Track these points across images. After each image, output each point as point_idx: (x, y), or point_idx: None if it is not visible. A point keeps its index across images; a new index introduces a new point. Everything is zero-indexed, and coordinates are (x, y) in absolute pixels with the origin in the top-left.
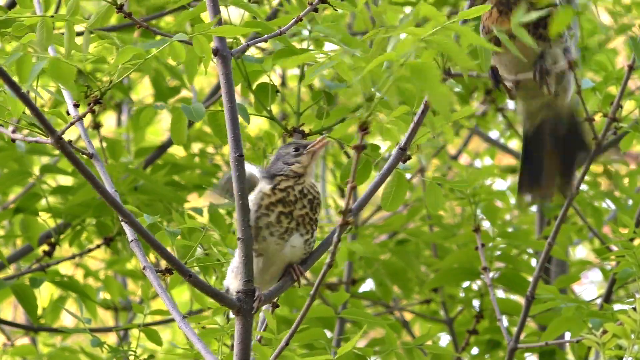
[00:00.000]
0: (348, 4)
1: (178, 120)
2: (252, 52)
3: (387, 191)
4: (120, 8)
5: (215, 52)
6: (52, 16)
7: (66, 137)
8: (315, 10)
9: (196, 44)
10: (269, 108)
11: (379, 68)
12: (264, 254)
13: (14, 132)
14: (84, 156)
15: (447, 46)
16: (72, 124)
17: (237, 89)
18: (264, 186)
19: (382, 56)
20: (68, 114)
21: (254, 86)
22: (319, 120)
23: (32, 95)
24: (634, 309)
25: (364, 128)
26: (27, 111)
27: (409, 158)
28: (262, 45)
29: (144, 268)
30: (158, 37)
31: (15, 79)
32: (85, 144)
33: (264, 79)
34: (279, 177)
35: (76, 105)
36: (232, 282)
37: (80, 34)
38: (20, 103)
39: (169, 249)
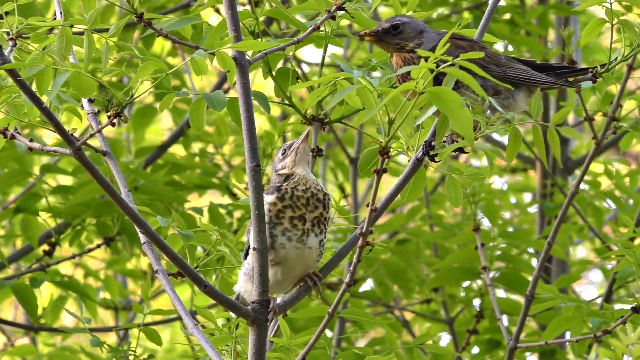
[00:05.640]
0: (362, 13)
1: (197, 108)
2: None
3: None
4: (140, 17)
5: (233, 60)
6: (71, 26)
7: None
8: (333, 17)
9: (219, 59)
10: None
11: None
12: (283, 262)
13: (31, 141)
14: (94, 153)
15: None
16: (91, 135)
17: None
18: (265, 199)
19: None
20: (82, 108)
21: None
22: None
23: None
24: (634, 308)
25: (385, 153)
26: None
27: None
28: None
29: (156, 271)
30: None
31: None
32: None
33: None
34: (280, 186)
35: (91, 101)
36: (246, 286)
37: (80, 33)
38: (35, 108)
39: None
